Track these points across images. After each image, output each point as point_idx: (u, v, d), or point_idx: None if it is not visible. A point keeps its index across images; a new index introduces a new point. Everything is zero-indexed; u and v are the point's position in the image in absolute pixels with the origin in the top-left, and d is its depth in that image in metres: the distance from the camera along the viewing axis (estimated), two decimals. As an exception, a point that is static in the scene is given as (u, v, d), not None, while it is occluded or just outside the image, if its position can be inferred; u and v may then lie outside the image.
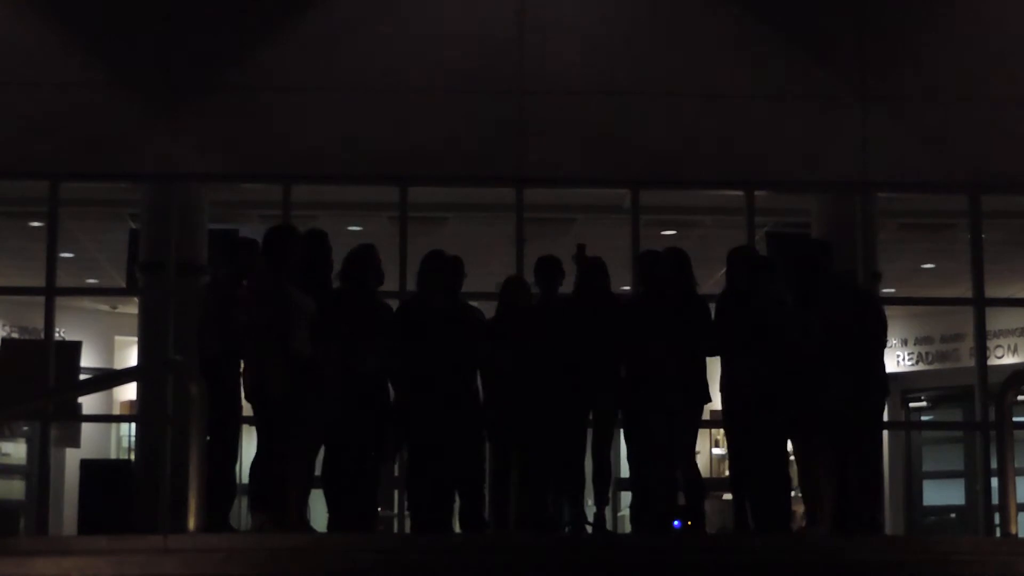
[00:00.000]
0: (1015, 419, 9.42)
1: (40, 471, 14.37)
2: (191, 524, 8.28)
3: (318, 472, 10.28)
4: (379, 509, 11.12)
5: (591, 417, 10.47)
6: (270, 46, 14.07)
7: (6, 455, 18.09)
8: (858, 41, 14.30)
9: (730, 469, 10.49)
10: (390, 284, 11.87)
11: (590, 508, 10.62)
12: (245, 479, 10.21)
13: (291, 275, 9.99)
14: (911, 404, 20.36)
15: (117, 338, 19.55)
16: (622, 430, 10.71)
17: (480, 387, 10.37)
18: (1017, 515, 9.08)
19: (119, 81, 13.99)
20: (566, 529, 10.66)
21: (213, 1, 14.14)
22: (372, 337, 10.08)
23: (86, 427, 18.04)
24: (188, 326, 11.18)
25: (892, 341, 19.01)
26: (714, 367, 10.38)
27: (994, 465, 10.92)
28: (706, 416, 10.72)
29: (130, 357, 18.25)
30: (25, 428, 18.09)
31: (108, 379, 16.17)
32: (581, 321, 10.34)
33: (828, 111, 14.21)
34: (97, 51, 14.01)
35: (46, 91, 13.85)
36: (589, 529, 10.42)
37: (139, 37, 13.96)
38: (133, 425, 15.61)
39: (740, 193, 14.21)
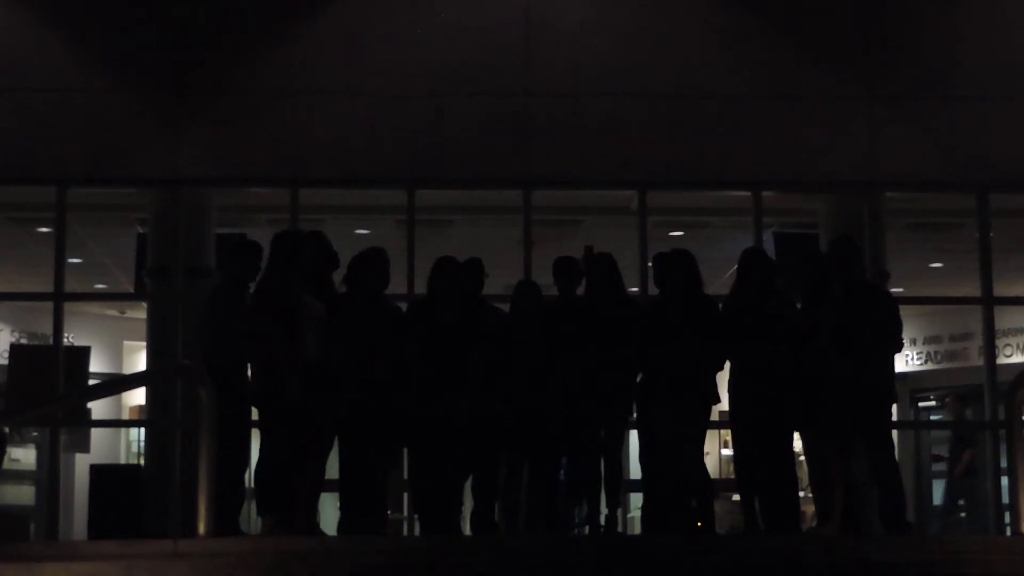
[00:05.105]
0: (1025, 418, 9.39)
1: (50, 476, 14.38)
2: (201, 528, 8.29)
3: (328, 476, 10.29)
4: (388, 512, 11.11)
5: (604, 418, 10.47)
6: (276, 50, 14.09)
7: (16, 461, 18.09)
8: (865, 40, 14.29)
9: (737, 470, 10.48)
10: (398, 287, 11.88)
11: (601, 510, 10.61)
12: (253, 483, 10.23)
13: (299, 279, 10.01)
14: (920, 404, 20.34)
15: (126, 343, 19.58)
16: (632, 432, 10.72)
17: (492, 388, 10.35)
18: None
19: (126, 86, 14.01)
20: (576, 531, 10.68)
21: (220, 6, 14.15)
22: (378, 341, 10.09)
23: (95, 432, 18.09)
24: (197, 330, 11.18)
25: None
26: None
27: (1004, 464, 10.91)
28: (714, 417, 10.71)
29: (139, 362, 18.27)
30: (35, 434, 18.10)
31: (117, 384, 16.16)
32: (595, 322, 10.34)
33: (835, 110, 14.19)
34: (105, 56, 14.03)
35: (53, 97, 13.87)
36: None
37: (146, 42, 13.97)
38: (142, 430, 15.60)
39: (747, 193, 14.20)
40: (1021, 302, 17.47)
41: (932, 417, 20.57)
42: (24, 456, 18.56)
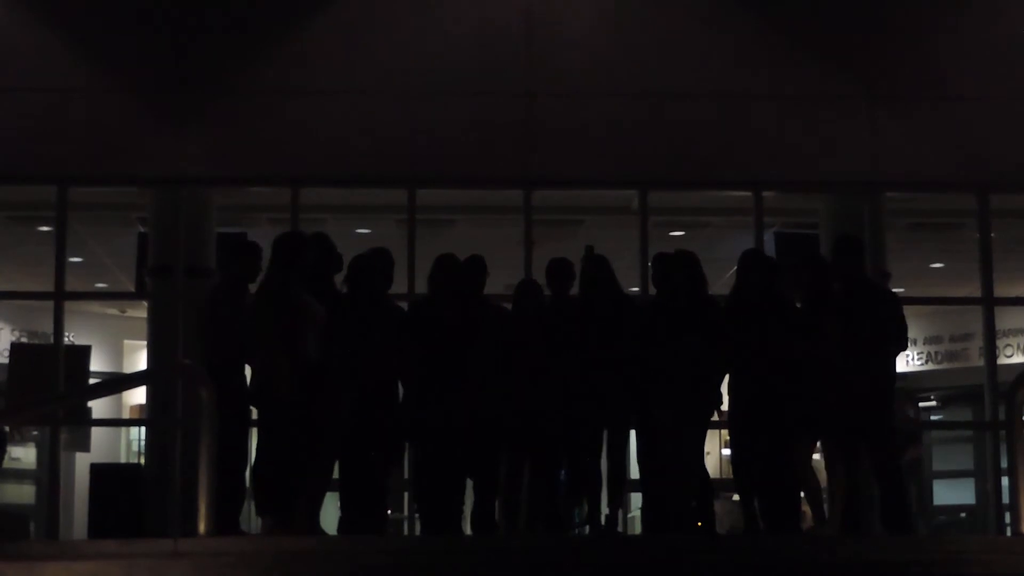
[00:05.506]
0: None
1: (50, 476, 14.38)
2: (201, 528, 8.29)
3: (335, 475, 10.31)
4: (388, 511, 11.11)
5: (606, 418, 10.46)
6: (277, 50, 14.08)
7: (16, 460, 18.10)
8: (866, 40, 14.29)
9: (736, 470, 10.48)
10: (399, 287, 11.88)
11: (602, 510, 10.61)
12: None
13: (300, 280, 10.02)
14: (921, 404, 20.32)
15: (126, 342, 19.57)
16: (633, 431, 10.72)
17: (493, 387, 10.34)
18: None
19: (127, 86, 14.01)
20: (577, 531, 10.68)
21: (220, 6, 14.14)
22: (379, 341, 10.10)
23: (96, 431, 18.08)
24: (196, 329, 11.20)
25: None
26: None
27: (1004, 464, 10.91)
28: (714, 416, 10.70)
29: (139, 361, 18.26)
30: (35, 433, 18.09)
31: (118, 383, 16.18)
32: (595, 323, 10.33)
33: (836, 111, 14.19)
34: (105, 56, 14.02)
35: (54, 96, 13.87)
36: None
37: (146, 42, 13.97)
38: (143, 429, 15.61)
39: (748, 193, 14.20)
40: (1022, 302, 17.45)
41: (933, 417, 20.56)
42: (24, 455, 18.56)
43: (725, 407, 10.53)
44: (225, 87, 14.02)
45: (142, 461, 15.06)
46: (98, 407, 16.62)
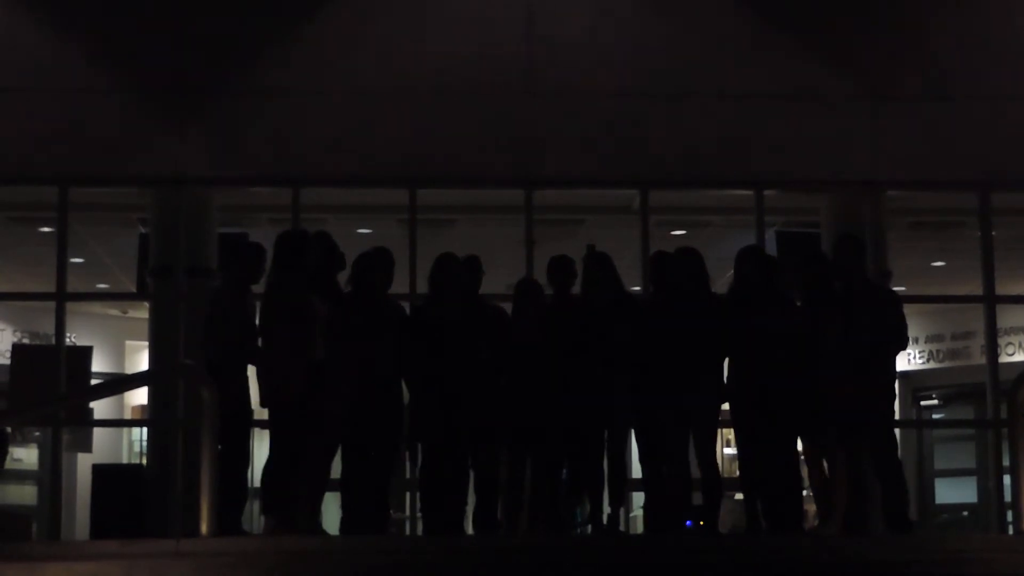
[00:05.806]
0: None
1: (52, 476, 14.40)
2: (203, 528, 8.30)
3: (334, 475, 10.30)
4: (391, 511, 11.12)
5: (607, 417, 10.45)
6: (278, 50, 14.09)
7: (18, 461, 18.11)
8: (867, 40, 14.29)
9: (740, 469, 10.47)
10: (400, 287, 11.88)
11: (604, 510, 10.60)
12: (257, 483, 10.23)
13: (305, 279, 10.03)
14: (922, 402, 20.33)
15: (128, 343, 19.58)
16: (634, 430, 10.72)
17: (493, 388, 10.33)
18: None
19: (128, 86, 14.02)
20: (579, 530, 10.67)
21: (221, 6, 14.15)
22: (382, 340, 10.10)
23: (98, 432, 18.07)
24: (198, 330, 11.21)
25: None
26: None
27: (1006, 463, 10.92)
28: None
29: (141, 361, 18.26)
30: (37, 434, 18.11)
31: (119, 384, 16.17)
32: (596, 322, 10.32)
33: (838, 110, 14.19)
34: (106, 57, 14.03)
35: (55, 97, 13.88)
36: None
37: (147, 42, 13.98)
38: (144, 430, 15.62)
39: (750, 192, 14.20)
40: (1023, 300, 17.46)
41: (935, 416, 20.57)
42: (26, 456, 18.58)
43: (726, 406, 10.51)
44: (225, 87, 14.03)
45: (144, 462, 15.06)
46: (100, 408, 16.60)
